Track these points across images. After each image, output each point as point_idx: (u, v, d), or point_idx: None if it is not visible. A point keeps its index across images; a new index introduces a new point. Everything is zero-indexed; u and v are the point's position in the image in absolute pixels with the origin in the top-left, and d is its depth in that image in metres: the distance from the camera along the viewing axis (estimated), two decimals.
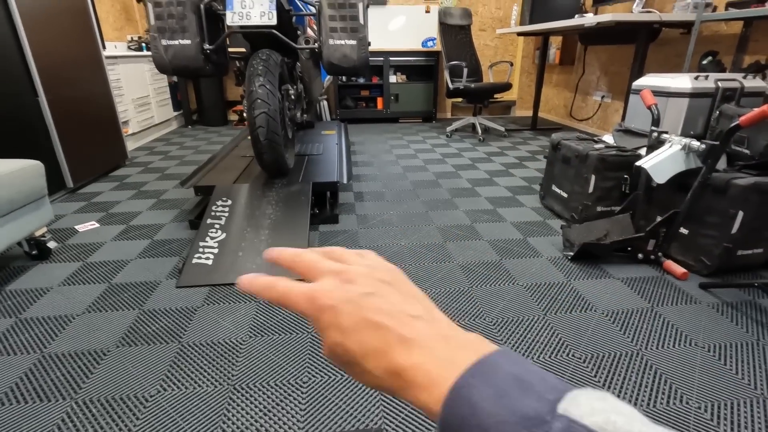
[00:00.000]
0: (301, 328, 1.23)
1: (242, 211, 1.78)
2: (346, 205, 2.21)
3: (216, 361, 1.10)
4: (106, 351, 1.13)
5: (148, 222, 1.99)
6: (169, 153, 3.39)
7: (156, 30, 1.67)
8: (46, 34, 2.20)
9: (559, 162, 2.02)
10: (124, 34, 4.13)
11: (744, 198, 1.35)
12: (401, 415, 0.94)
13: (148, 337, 1.19)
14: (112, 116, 2.82)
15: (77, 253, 1.67)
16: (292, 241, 1.63)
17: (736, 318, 1.26)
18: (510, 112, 5.39)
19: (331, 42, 1.75)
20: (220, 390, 1.01)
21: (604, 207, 1.82)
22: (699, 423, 0.91)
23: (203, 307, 1.33)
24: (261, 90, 1.71)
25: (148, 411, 0.95)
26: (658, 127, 1.61)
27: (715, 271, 1.45)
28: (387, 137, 4.00)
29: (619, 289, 1.42)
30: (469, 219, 2.01)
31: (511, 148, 3.49)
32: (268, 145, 1.80)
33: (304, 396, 0.99)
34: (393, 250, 1.70)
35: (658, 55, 3.24)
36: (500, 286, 1.44)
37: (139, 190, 2.44)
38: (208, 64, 1.78)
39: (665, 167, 1.48)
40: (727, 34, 2.68)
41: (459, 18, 4.05)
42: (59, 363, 1.09)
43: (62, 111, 2.30)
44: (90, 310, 1.31)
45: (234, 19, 1.68)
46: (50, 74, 2.21)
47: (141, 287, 1.44)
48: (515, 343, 1.16)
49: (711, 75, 1.83)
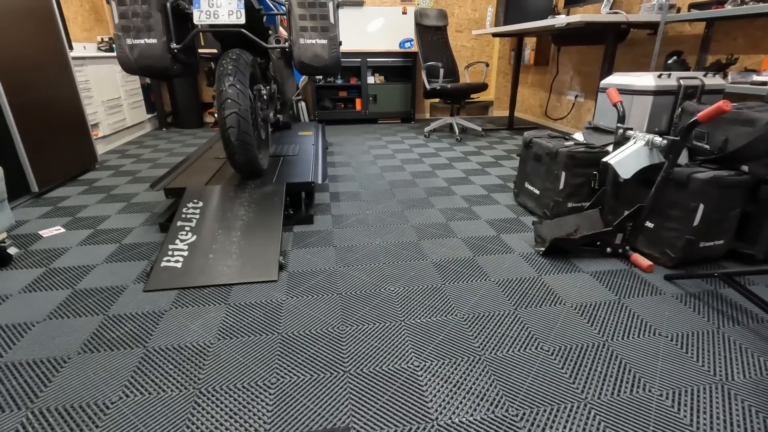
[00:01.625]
0: (271, 329, 1.21)
1: (214, 213, 1.75)
2: (322, 205, 2.19)
3: (182, 365, 1.08)
4: (66, 358, 1.10)
5: (116, 226, 1.94)
6: (141, 156, 3.31)
7: (120, 29, 1.63)
8: (6, 35, 2.12)
9: (531, 160, 2.05)
10: (94, 34, 4.03)
11: (704, 191, 1.39)
12: (370, 413, 0.93)
13: (112, 342, 1.16)
14: (80, 118, 2.74)
15: (40, 259, 1.62)
16: (265, 242, 1.61)
17: (698, 307, 1.30)
18: (487, 113, 5.45)
19: (302, 41, 1.74)
20: (185, 394, 0.98)
21: (574, 203, 1.85)
22: (661, 410, 0.93)
23: (171, 310, 1.30)
24: (231, 90, 1.69)
25: (108, 418, 0.92)
26: (623, 124, 1.65)
27: (679, 262, 1.49)
28: (365, 138, 4.00)
29: (588, 283, 1.44)
30: (444, 217, 2.03)
31: (487, 148, 3.53)
32: (239, 146, 1.77)
33: (272, 397, 0.98)
34: (367, 250, 1.69)
35: (627, 55, 3.33)
36: (472, 282, 1.45)
37: (108, 194, 2.38)
38: (175, 64, 1.75)
39: (630, 163, 1.52)
40: (690, 35, 2.77)
41: (435, 19, 4.08)
42: (16, 372, 1.05)
43: (26, 114, 2.22)
44: (51, 317, 1.27)
45: (201, 17, 1.65)
46: (11, 76, 2.14)
47: (107, 292, 1.40)
48: (486, 338, 1.17)
49: (674, 73, 1.89)
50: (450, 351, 1.12)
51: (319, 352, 1.12)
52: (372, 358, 1.10)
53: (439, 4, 4.83)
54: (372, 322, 1.24)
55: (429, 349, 1.13)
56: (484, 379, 1.03)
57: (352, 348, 1.14)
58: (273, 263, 1.52)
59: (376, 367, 1.07)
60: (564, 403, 0.95)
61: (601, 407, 0.94)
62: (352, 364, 1.08)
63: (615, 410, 0.93)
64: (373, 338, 1.17)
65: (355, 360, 1.09)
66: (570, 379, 1.02)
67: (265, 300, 1.35)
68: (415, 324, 1.23)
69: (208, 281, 1.44)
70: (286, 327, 1.22)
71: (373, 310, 1.30)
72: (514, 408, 0.94)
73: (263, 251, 1.57)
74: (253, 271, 1.49)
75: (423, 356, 1.11)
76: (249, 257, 1.55)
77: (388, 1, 4.71)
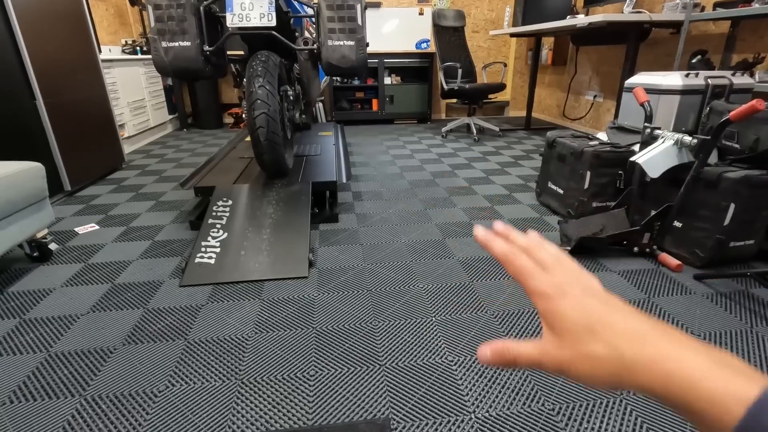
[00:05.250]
0: (305, 323, 1.24)
1: (243, 211, 1.79)
2: (345, 204, 2.22)
3: (223, 357, 1.11)
4: (112, 349, 1.14)
5: (148, 223, 1.99)
6: (165, 156, 3.39)
7: (156, 32, 1.68)
8: (43, 38, 2.20)
9: (554, 159, 2.06)
10: (119, 38, 4.13)
11: (735, 191, 1.38)
12: (408, 405, 0.96)
13: (154, 334, 1.20)
14: (109, 119, 2.82)
15: (78, 255, 1.68)
16: (294, 240, 1.64)
17: (729, 307, 1.30)
18: (504, 113, 5.44)
19: (330, 43, 1.78)
20: (228, 384, 1.02)
21: (599, 203, 1.85)
22: None
23: (208, 305, 1.34)
24: (261, 91, 1.73)
25: (157, 406, 0.96)
26: (651, 123, 1.65)
27: (709, 262, 1.49)
28: (383, 138, 4.03)
29: (616, 282, 1.45)
30: (467, 216, 2.04)
31: (505, 148, 3.53)
32: (268, 146, 1.81)
33: (312, 389, 1.01)
34: (393, 247, 1.72)
35: (649, 55, 3.30)
36: (500, 280, 1.47)
37: (137, 193, 2.44)
38: (207, 66, 1.80)
39: (658, 162, 1.52)
40: (715, 34, 2.74)
41: (452, 20, 4.09)
42: (66, 362, 1.10)
43: (60, 114, 2.30)
44: (94, 310, 1.32)
45: (234, 20, 1.70)
46: (48, 78, 2.21)
47: (144, 287, 1.45)
48: (518, 335, 1.18)
49: (701, 73, 1.88)
50: None
51: (354, 347, 1.15)
52: (406, 352, 1.12)
53: (456, 4, 4.84)
54: (404, 318, 1.27)
55: (462, 344, 1.15)
56: (518, 375, 1.04)
57: (386, 342, 1.16)
58: (303, 260, 1.56)
59: (411, 361, 1.09)
60: (600, 398, 0.97)
61: (638, 404, 0.95)
62: (387, 358, 1.11)
63: (651, 408, 0.94)
64: (406, 333, 1.20)
65: (390, 354, 1.12)
66: None
67: (298, 295, 1.39)
68: (446, 320, 1.26)
69: (241, 277, 1.48)
70: (319, 322, 1.25)
71: (404, 306, 1.33)
72: (550, 402, 0.96)
73: (293, 248, 1.61)
74: (284, 267, 1.53)
75: (456, 351, 1.13)
76: (279, 254, 1.58)
77: (405, 2, 4.74)
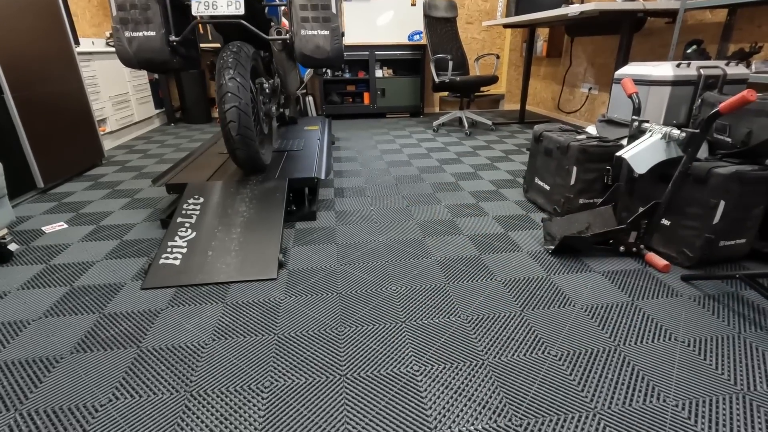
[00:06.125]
0: (267, 329, 1.18)
1: (214, 210, 1.72)
2: (326, 201, 2.15)
3: (175, 366, 1.05)
4: (59, 358, 1.08)
5: (119, 222, 1.92)
6: (148, 151, 3.31)
7: (119, 21, 1.60)
8: (10, 30, 2.12)
9: (541, 154, 1.98)
10: (103, 30, 4.03)
11: (725, 187, 1.31)
12: (365, 420, 0.89)
13: (106, 342, 1.13)
14: (87, 114, 2.74)
15: (41, 256, 1.61)
16: (265, 240, 1.57)
17: (717, 311, 1.23)
18: (499, 106, 5.34)
19: (303, 32, 1.69)
20: (176, 397, 0.95)
21: (586, 199, 1.78)
22: (676, 421, 0.87)
23: (167, 309, 1.27)
24: (231, 83, 1.65)
25: (96, 421, 0.89)
26: (639, 116, 1.57)
27: (697, 262, 1.42)
28: (373, 132, 3.95)
29: (600, 283, 1.38)
30: (450, 214, 1.97)
31: (497, 142, 3.45)
32: (240, 141, 1.74)
33: (264, 401, 0.94)
34: (370, 247, 1.65)
35: (644, 45, 3.21)
36: (477, 282, 1.40)
37: (113, 190, 2.37)
38: (175, 57, 1.71)
39: (645, 157, 1.44)
40: (711, 23, 2.64)
41: (444, 10, 3.99)
42: (8, 371, 1.03)
43: (31, 109, 2.22)
44: (47, 315, 1.25)
45: (200, 8, 1.61)
46: (16, 71, 2.13)
47: (104, 290, 1.38)
48: (490, 341, 1.12)
49: (693, 63, 1.79)
50: (452, 355, 1.07)
51: (316, 354, 1.08)
52: (370, 361, 1.06)
53: None
54: (371, 323, 1.20)
55: (430, 352, 1.08)
56: (487, 386, 0.97)
57: (349, 350, 1.10)
58: (273, 261, 1.49)
59: (374, 371, 1.03)
60: (572, 412, 0.90)
61: (612, 418, 0.88)
62: (348, 367, 1.04)
63: (626, 421, 0.87)
64: (372, 340, 1.13)
65: (353, 363, 1.05)
66: (578, 386, 0.97)
67: (263, 299, 1.32)
68: (416, 325, 1.19)
69: (206, 279, 1.41)
70: (283, 327, 1.19)
71: (373, 310, 1.26)
72: (518, 417, 0.89)
73: (263, 249, 1.54)
74: (252, 269, 1.46)
75: (423, 360, 1.06)
76: (248, 255, 1.51)
77: None
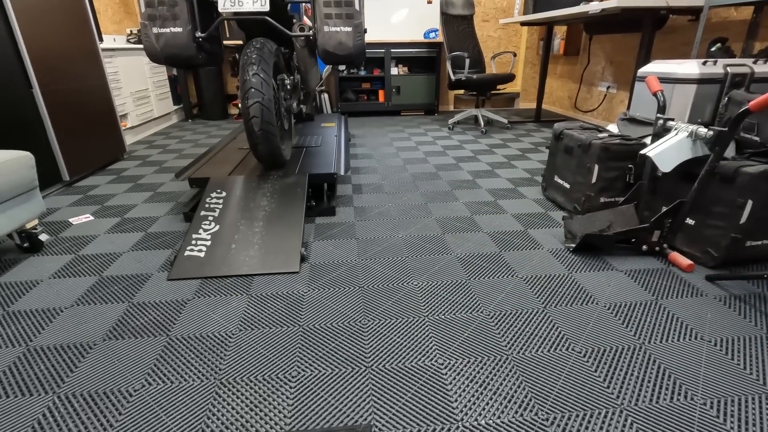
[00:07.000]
0: (292, 321, 1.20)
1: (237, 203, 1.74)
2: (344, 197, 2.17)
3: (204, 354, 1.07)
4: (92, 344, 1.11)
5: (142, 215, 1.96)
6: (168, 146, 3.36)
7: (147, 17, 1.63)
8: (40, 26, 2.17)
9: (561, 152, 1.97)
10: (124, 27, 4.10)
11: (753, 187, 1.29)
12: (392, 411, 0.90)
13: (136, 330, 1.16)
14: (110, 109, 2.79)
15: (69, 246, 1.65)
16: (287, 234, 1.59)
17: (744, 311, 1.21)
18: (514, 104, 5.31)
19: (326, 29, 1.71)
20: (206, 384, 0.98)
21: (607, 198, 1.77)
22: (704, 420, 0.87)
23: (194, 299, 1.30)
24: (255, 79, 1.67)
25: (131, 406, 0.92)
26: (664, 114, 1.56)
27: (722, 262, 1.40)
28: (388, 130, 3.95)
29: (622, 282, 1.37)
30: (469, 211, 1.97)
31: (513, 140, 3.43)
32: (262, 136, 1.76)
33: (293, 390, 0.96)
34: (389, 242, 1.66)
35: (665, 43, 3.16)
36: (499, 278, 1.40)
37: (135, 183, 2.42)
38: (200, 53, 1.74)
39: (671, 155, 1.43)
40: (736, 20, 2.60)
41: (461, 8, 3.98)
42: (44, 356, 1.06)
43: (57, 104, 2.28)
44: (78, 303, 1.29)
45: (226, 5, 1.64)
46: (45, 66, 2.19)
47: (132, 280, 1.41)
48: (513, 337, 1.12)
49: (720, 60, 1.77)
50: (476, 349, 1.08)
51: (341, 346, 1.10)
52: (394, 354, 1.07)
53: None
54: (394, 317, 1.21)
55: (453, 346, 1.09)
56: (512, 380, 0.98)
57: (374, 343, 1.11)
58: (295, 254, 1.51)
59: (398, 363, 1.04)
60: (598, 408, 0.90)
61: (639, 414, 0.88)
62: (374, 359, 1.05)
63: (654, 418, 0.87)
64: (396, 333, 1.14)
65: (377, 355, 1.06)
66: (604, 383, 0.97)
67: (287, 291, 1.34)
68: (438, 320, 1.20)
69: (230, 271, 1.44)
70: (307, 319, 1.20)
71: (396, 304, 1.27)
72: (544, 412, 0.90)
73: (285, 242, 1.56)
74: (274, 262, 1.48)
75: (447, 354, 1.07)
76: (271, 248, 1.53)
77: None
